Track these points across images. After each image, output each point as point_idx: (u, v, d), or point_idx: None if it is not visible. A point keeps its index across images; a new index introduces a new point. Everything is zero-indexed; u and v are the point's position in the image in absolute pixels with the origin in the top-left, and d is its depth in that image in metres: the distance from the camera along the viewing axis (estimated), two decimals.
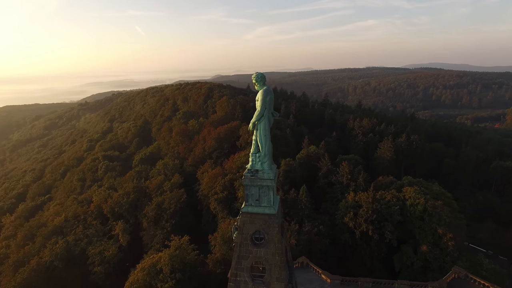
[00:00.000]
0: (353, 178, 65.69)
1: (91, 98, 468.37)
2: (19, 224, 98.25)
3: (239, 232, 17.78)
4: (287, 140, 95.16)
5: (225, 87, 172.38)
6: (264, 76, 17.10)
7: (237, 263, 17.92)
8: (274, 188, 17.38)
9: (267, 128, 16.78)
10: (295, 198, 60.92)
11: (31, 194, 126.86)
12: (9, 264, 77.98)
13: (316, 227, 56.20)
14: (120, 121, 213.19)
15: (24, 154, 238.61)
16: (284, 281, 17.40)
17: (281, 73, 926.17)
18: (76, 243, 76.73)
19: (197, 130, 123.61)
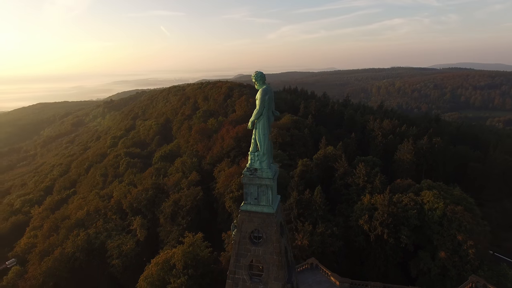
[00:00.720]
0: (370, 180, 64.38)
1: (116, 96, 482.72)
2: (46, 216, 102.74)
3: (238, 230, 17.92)
4: (305, 140, 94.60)
5: (245, 86, 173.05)
6: (263, 75, 17.13)
7: (236, 261, 18.06)
8: (274, 187, 17.38)
9: (265, 127, 16.79)
10: (309, 198, 60.36)
11: (58, 187, 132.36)
12: (35, 253, 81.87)
13: (330, 228, 55.44)
14: (142, 119, 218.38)
15: (53, 149, 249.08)
16: (282, 281, 17.36)
17: (304, 73, 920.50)
18: (96, 236, 79.42)
19: (216, 129, 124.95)
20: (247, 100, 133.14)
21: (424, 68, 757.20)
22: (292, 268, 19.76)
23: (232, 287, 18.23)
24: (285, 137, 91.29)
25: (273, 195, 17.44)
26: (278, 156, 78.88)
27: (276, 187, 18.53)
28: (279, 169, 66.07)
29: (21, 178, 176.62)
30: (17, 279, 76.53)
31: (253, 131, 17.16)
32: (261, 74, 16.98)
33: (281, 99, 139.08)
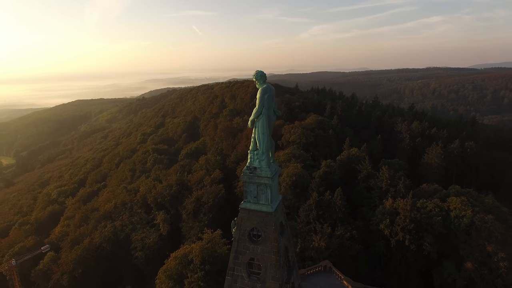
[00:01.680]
0: (393, 183, 62.33)
1: (149, 94, 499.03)
2: (78, 207, 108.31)
3: (237, 227, 18.09)
4: (329, 141, 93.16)
5: (272, 85, 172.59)
6: (264, 74, 17.17)
7: (235, 258, 18.25)
8: (273, 186, 17.38)
9: (265, 126, 16.82)
10: (329, 200, 59.45)
11: (90, 180, 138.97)
12: (67, 241, 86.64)
13: (349, 231, 54.30)
14: (172, 117, 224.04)
15: (88, 144, 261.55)
16: (279, 280, 17.34)
17: (335, 73, 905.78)
18: (122, 229, 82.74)
19: (241, 128, 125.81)
20: None
21: (462, 68, 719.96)
22: (293, 268, 19.64)
23: (231, 283, 18.44)
24: (309, 137, 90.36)
25: (273, 194, 17.44)
26: (300, 157, 78.35)
27: (277, 186, 18.50)
28: (302, 170, 65.50)
29: (58, 171, 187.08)
30: (51, 264, 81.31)
31: (253, 130, 17.25)
32: (261, 73, 17.04)
33: (307, 99, 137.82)
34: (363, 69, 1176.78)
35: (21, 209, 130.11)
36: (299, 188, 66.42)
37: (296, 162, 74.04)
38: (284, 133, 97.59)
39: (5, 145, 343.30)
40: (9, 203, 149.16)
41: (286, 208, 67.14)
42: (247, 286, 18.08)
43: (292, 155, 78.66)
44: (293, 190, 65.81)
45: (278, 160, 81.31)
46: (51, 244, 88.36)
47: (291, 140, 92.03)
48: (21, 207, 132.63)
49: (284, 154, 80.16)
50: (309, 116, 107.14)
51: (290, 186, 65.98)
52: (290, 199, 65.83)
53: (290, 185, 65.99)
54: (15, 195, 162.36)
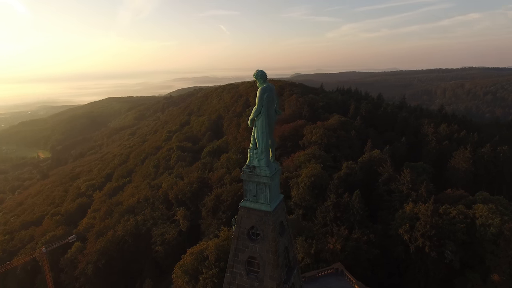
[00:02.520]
0: (415, 187, 60.19)
1: (176, 92, 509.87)
2: (104, 201, 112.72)
3: (237, 225, 18.20)
4: (351, 142, 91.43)
5: (296, 85, 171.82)
6: (264, 73, 17.11)
7: (234, 255, 18.37)
8: (272, 185, 17.32)
9: (264, 125, 16.77)
10: (348, 202, 58.35)
11: (116, 175, 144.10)
12: (93, 232, 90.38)
13: (366, 235, 53.06)
14: (197, 115, 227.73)
15: (117, 140, 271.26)
16: (277, 280, 17.28)
17: (363, 73, 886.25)
18: (144, 223, 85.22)
19: None
20: (297, 100, 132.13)
21: (501, 68, 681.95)
22: (294, 269, 19.50)
23: (230, 280, 18.59)
24: (331, 138, 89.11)
25: (272, 194, 17.38)
26: (320, 157, 77.38)
27: (278, 186, 18.42)
28: (321, 171, 64.12)
29: (88, 165, 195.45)
30: (78, 253, 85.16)
31: (252, 129, 17.28)
32: (261, 72, 17.00)
33: (331, 99, 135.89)
34: (393, 69, 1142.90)
35: (53, 200, 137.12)
36: (317, 189, 65.62)
37: (316, 163, 73.20)
38: (306, 133, 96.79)
39: (43, 139, 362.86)
40: (44, 194, 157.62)
41: (304, 209, 66.61)
42: (245, 284, 18.16)
43: (312, 155, 77.83)
44: (312, 191, 65.11)
45: (298, 160, 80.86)
46: (78, 235, 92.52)
47: (313, 141, 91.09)
48: (54, 198, 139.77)
49: (304, 155, 79.52)
50: (332, 116, 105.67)
51: (308, 187, 65.33)
52: (308, 200, 65.21)
53: (309, 186, 65.33)
54: (49, 187, 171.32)
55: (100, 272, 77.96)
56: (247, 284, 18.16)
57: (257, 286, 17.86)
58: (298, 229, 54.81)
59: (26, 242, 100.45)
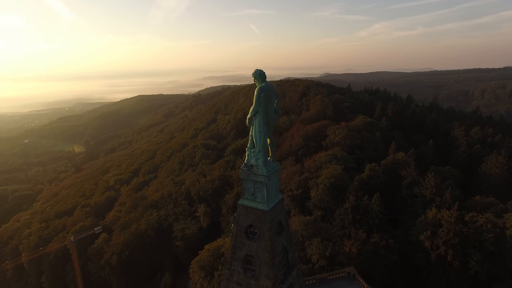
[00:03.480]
0: (439, 192, 57.61)
1: (205, 91, 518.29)
2: (129, 195, 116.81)
3: (235, 223, 18.31)
4: (375, 144, 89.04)
5: (323, 85, 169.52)
6: (262, 73, 17.07)
7: (232, 253, 18.51)
8: (270, 185, 17.25)
9: (261, 125, 16.74)
10: (367, 205, 56.91)
11: (143, 171, 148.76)
12: (118, 225, 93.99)
13: (385, 239, 51.55)
14: (223, 113, 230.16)
15: (146, 137, 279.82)
16: (272, 280, 17.23)
17: (394, 73, 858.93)
18: (166, 218, 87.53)
19: (287, 127, 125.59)
20: (322, 100, 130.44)
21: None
22: (293, 269, 19.32)
23: (228, 277, 18.75)
24: (355, 139, 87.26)
25: (269, 193, 17.31)
26: (342, 159, 75.97)
27: (276, 185, 18.28)
28: (342, 172, 63.24)
29: (118, 160, 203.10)
30: (104, 244, 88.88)
31: (250, 128, 17.30)
32: (259, 72, 16.97)
33: (358, 99, 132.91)
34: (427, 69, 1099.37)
35: (84, 193, 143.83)
36: (337, 190, 64.47)
37: (337, 164, 71.97)
38: (329, 133, 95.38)
39: (78, 134, 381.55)
40: (76, 186, 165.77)
41: (323, 210, 65.72)
42: (242, 281, 18.25)
43: (334, 156, 76.58)
44: (331, 192, 64.05)
45: (319, 161, 79.81)
46: (105, 227, 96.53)
47: (336, 142, 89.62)
48: (85, 191, 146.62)
49: (325, 155, 78.40)
50: (357, 117, 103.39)
51: (328, 188, 64.34)
52: (327, 201, 64.23)
53: (328, 187, 64.33)
54: (81, 179, 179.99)
55: (123, 263, 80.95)
56: (244, 282, 18.25)
57: (253, 285, 17.91)
58: (315, 231, 54.17)
59: (58, 230, 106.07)
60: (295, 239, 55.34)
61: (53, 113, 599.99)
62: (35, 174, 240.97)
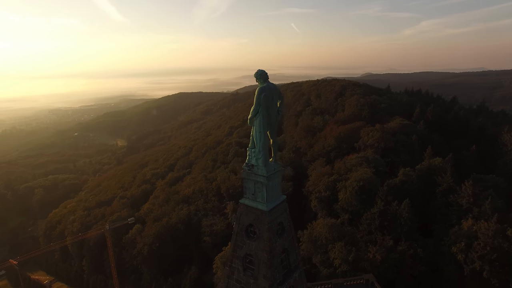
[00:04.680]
0: (477, 202, 53.72)
1: (244, 89, 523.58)
2: (164, 189, 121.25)
3: (236, 221, 18.47)
4: (411, 147, 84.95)
5: (360, 85, 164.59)
6: (263, 73, 17.02)
7: (233, 250, 18.71)
8: (270, 185, 17.17)
9: (261, 125, 16.72)
10: (396, 211, 54.57)
11: (178, 166, 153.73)
12: (151, 217, 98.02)
13: (413, 248, 49.15)
14: None
15: (184, 133, 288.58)
16: (270, 280, 17.19)
17: (442, 73, 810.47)
18: (196, 213, 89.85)
19: (321, 127, 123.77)
20: (358, 100, 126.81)
21: None
22: (294, 272, 19.11)
23: (229, 274, 18.98)
24: (388, 142, 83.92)
25: (269, 193, 17.23)
26: (373, 162, 73.47)
27: (278, 186, 18.11)
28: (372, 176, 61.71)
29: (156, 155, 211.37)
30: (137, 235, 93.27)
31: (252, 128, 17.38)
32: (261, 72, 16.95)
33: (396, 101, 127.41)
34: (479, 68, 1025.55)
35: (123, 185, 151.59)
36: (366, 194, 62.54)
37: (367, 167, 69.71)
38: (363, 135, 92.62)
39: (121, 129, 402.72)
40: (116, 178, 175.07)
41: (350, 214, 64.02)
42: (242, 279, 18.39)
43: (365, 159, 74.25)
44: (359, 196, 62.27)
45: (349, 163, 77.73)
46: (139, 218, 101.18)
47: (369, 144, 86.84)
48: (124, 183, 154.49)
49: (356, 158, 76.28)
50: (394, 119, 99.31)
51: (356, 191, 62.61)
52: (354, 205, 62.53)
53: (357, 190, 62.59)
54: (121, 172, 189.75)
55: (154, 254, 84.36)
56: (243, 280, 18.39)
57: (252, 284, 17.99)
58: (339, 234, 52.95)
59: (98, 219, 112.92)
60: (318, 241, 54.54)
61: (100, 108, 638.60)
62: (82, 165, 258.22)
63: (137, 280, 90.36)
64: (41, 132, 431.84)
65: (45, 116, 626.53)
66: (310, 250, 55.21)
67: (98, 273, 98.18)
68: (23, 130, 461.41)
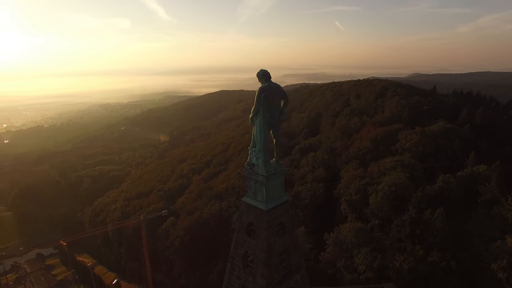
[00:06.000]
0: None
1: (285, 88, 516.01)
2: (198, 184, 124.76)
3: (238, 219, 18.74)
4: (453, 153, 79.68)
5: (403, 86, 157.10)
6: (265, 73, 17.05)
7: (235, 248, 19.03)
8: (269, 185, 17.19)
9: (261, 125, 16.78)
10: (429, 219, 51.59)
11: (215, 163, 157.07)
12: (184, 211, 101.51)
13: (446, 261, 46.19)
14: (298, 112, 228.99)
15: (224, 130, 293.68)
16: (267, 280, 17.25)
17: (502, 73, 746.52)
18: (227, 209, 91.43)
19: (358, 128, 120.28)
20: (399, 102, 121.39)
21: None
22: (295, 273, 18.95)
23: (230, 270, 19.34)
24: (428, 146, 79.44)
25: (269, 193, 17.23)
26: (409, 166, 69.94)
27: (279, 186, 18.02)
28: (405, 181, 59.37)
29: (195, 151, 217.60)
30: (170, 227, 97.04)
31: (253, 128, 17.53)
32: (262, 72, 17.01)
33: (441, 103, 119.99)
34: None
35: (162, 178, 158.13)
36: (398, 200, 59.81)
37: (402, 171, 66.57)
38: (401, 138, 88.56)
39: (164, 124, 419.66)
40: (156, 172, 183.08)
41: (380, 219, 61.59)
42: (242, 276, 18.66)
43: (400, 163, 70.95)
44: (391, 201, 59.70)
45: (383, 167, 74.75)
46: (173, 211, 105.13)
47: (406, 147, 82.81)
48: (162, 176, 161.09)
49: (391, 161, 73.16)
50: (436, 122, 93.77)
51: (388, 196, 60.11)
52: (385, 211, 60.06)
53: (388, 195, 60.08)
54: (161, 166, 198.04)
55: (185, 246, 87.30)
56: (243, 277, 18.66)
57: (251, 281, 18.17)
58: (366, 239, 51.23)
59: (136, 209, 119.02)
60: (343, 245, 53.22)
61: (146, 104, 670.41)
62: (126, 158, 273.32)
63: (169, 270, 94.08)
64: (92, 125, 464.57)
65: (97, 111, 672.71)
66: (336, 253, 54.02)
67: (133, 261, 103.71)
68: (78, 123, 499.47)
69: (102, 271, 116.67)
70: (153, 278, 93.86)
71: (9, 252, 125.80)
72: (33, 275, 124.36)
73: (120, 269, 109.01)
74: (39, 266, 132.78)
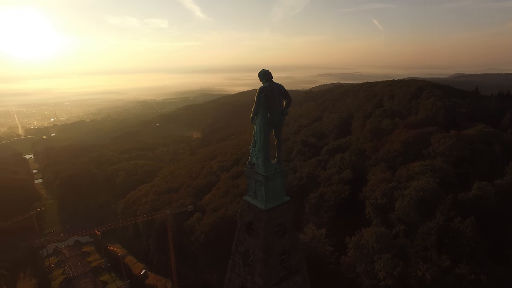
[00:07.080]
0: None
1: (318, 88, 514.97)
2: (226, 181, 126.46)
3: (239, 217, 18.93)
4: (492, 159, 74.86)
5: (441, 87, 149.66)
6: (266, 73, 17.09)
7: (236, 245, 19.26)
8: (269, 185, 17.20)
9: (261, 124, 16.83)
10: (459, 228, 48.87)
11: (243, 161, 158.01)
12: (210, 207, 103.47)
13: (476, 274, 43.55)
14: (330, 112, 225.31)
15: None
16: (264, 279, 17.31)
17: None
18: None
19: (389, 130, 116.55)
20: (434, 103, 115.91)
21: None
22: (295, 274, 18.81)
23: (231, 267, 19.60)
24: (463, 150, 75.20)
25: (269, 193, 17.21)
26: (440, 171, 66.61)
27: (279, 187, 17.94)
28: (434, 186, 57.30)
29: (225, 148, 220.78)
30: (196, 223, 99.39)
31: (253, 127, 17.64)
32: (263, 72, 17.04)
33: (482, 105, 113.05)
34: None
35: (191, 174, 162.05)
36: (425, 206, 57.20)
37: (431, 176, 63.55)
38: (433, 142, 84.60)
39: (197, 122, 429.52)
40: (187, 168, 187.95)
41: (406, 225, 59.27)
42: (242, 273, 18.85)
43: (430, 167, 67.80)
44: (418, 207, 57.22)
45: (412, 171, 71.75)
46: (200, 208, 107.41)
47: (439, 151, 78.92)
48: (192, 172, 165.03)
49: (420, 165, 70.08)
50: (475, 126, 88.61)
51: (414, 202, 57.68)
52: (412, 216, 57.69)
53: (415, 201, 57.62)
54: (192, 162, 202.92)
55: (209, 242, 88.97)
56: (243, 275, 18.87)
57: (249, 280, 18.32)
58: (388, 245, 49.54)
59: (165, 203, 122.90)
60: (364, 250, 51.85)
61: (180, 102, 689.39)
62: (159, 153, 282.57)
63: (193, 264, 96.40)
64: (129, 121, 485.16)
65: (133, 107, 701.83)
66: (356, 258, 52.74)
67: (160, 253, 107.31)
68: (116, 119, 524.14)
69: (132, 261, 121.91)
70: (178, 271, 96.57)
71: (52, 237, 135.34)
72: (71, 260, 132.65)
73: (148, 260, 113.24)
74: (77, 252, 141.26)
